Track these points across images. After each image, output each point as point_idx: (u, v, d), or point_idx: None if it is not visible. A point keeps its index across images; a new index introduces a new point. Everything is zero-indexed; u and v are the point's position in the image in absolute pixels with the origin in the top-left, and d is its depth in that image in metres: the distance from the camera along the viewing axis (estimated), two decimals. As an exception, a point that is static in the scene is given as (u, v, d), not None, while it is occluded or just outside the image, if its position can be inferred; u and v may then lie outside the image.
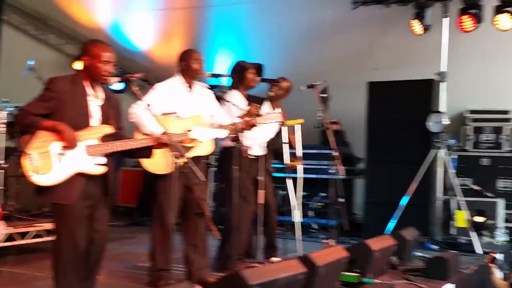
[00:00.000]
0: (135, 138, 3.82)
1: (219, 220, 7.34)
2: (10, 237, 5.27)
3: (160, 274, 4.13)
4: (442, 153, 6.77)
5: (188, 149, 4.09)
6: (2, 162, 5.94)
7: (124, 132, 3.63)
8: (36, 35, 10.30)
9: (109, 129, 3.45)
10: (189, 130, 3.82)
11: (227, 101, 4.57)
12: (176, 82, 4.31)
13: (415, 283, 4.40)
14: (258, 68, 5.05)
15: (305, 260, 3.55)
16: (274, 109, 5.27)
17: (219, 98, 4.75)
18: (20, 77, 6.36)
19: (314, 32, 8.24)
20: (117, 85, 8.17)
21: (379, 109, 7.37)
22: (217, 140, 4.83)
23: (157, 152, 3.84)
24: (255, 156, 4.96)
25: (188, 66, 4.26)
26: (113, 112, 3.53)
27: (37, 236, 5.59)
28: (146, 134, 3.84)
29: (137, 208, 8.75)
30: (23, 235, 5.49)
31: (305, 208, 7.66)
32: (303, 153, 6.30)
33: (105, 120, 3.46)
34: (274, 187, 5.30)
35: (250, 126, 4.41)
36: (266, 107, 5.22)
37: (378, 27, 8.07)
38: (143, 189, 8.12)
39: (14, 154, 5.35)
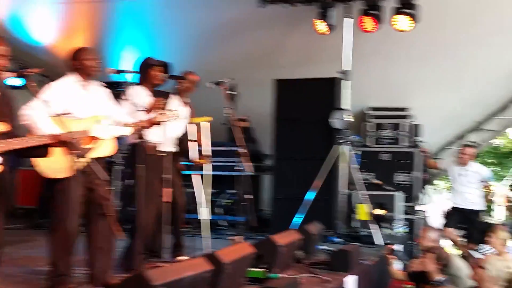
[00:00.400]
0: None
1: (125, 219, 7.21)
2: None
3: (60, 279, 3.97)
4: (345, 149, 6.99)
5: (88, 150, 3.95)
6: None
7: (19, 130, 3.46)
8: None
9: (2, 127, 3.27)
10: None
11: (128, 99, 4.46)
12: (71, 80, 4.12)
13: (319, 276, 4.54)
14: (165, 66, 4.98)
15: (211, 258, 3.56)
16: (183, 104, 5.22)
17: (123, 95, 4.63)
18: None
19: (222, 30, 8.25)
20: (16, 81, 7.77)
21: (286, 106, 7.51)
22: (122, 139, 4.72)
23: (53, 156, 3.67)
24: (164, 153, 4.89)
25: (82, 64, 4.09)
26: (6, 109, 3.36)
27: None
28: None
29: (37, 209, 8.39)
30: None
31: (213, 205, 7.65)
32: (211, 150, 6.30)
33: None
34: (183, 186, 5.25)
35: (153, 124, 4.35)
36: (174, 103, 5.14)
37: (284, 25, 8.20)
38: (42, 190, 7.78)
39: None
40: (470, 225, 7.77)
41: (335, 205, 7.00)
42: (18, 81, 7.85)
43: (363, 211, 6.85)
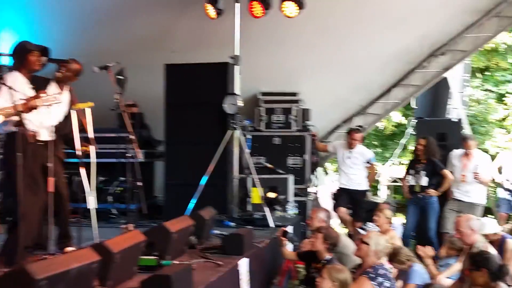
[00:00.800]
0: None
1: (6, 211, 6.81)
2: None
3: None
4: (237, 133, 7.03)
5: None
6: None
7: None
8: None
9: None
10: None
11: (5, 84, 4.18)
12: None
13: (212, 261, 4.55)
14: (43, 51, 4.70)
15: (99, 247, 3.46)
16: (61, 91, 4.96)
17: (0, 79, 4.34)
18: None
19: (109, 12, 7.95)
20: None
21: (177, 91, 7.39)
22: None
23: None
24: (43, 141, 4.64)
25: None
26: None
27: None
28: None
29: None
30: None
31: (104, 193, 7.43)
32: (100, 137, 6.09)
33: None
34: (66, 174, 5.02)
35: (30, 108, 4.11)
36: (52, 89, 4.87)
37: (175, 9, 8.05)
38: None
39: None
40: (357, 204, 8.16)
41: (229, 189, 7.04)
42: None
43: (256, 194, 6.95)
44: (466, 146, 8.21)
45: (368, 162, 8.32)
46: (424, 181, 7.95)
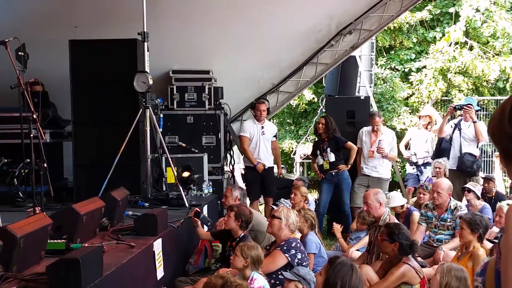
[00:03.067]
0: None
1: None
2: None
3: None
4: (149, 112, 6.86)
5: None
6: None
7: None
8: None
9: None
10: None
11: None
12: None
13: (124, 242, 4.44)
14: None
15: (2, 232, 3.28)
16: None
17: None
18: None
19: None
20: None
21: (85, 69, 7.08)
22: None
23: None
24: None
25: None
26: None
27: None
28: None
29: None
30: None
31: (8, 176, 7.04)
32: (2, 117, 5.76)
33: None
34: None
35: None
36: None
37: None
38: None
39: None
40: (267, 181, 8.30)
41: (142, 169, 6.88)
42: None
43: (171, 174, 6.84)
44: (372, 123, 8.52)
45: (274, 137, 8.50)
46: (332, 157, 8.22)
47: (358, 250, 6.44)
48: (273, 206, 7.07)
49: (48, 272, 3.20)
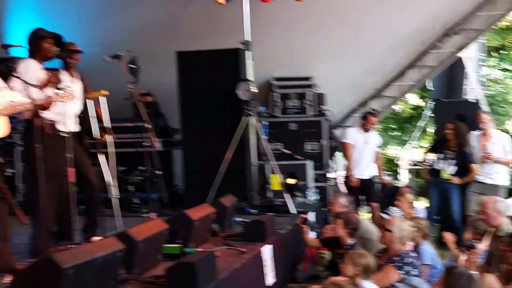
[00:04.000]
0: None
1: (30, 202, 6.81)
2: None
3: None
4: (253, 120, 6.95)
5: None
6: None
7: None
8: None
9: None
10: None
11: (19, 75, 4.11)
12: None
13: (234, 248, 4.50)
14: (56, 38, 4.64)
15: (123, 236, 3.42)
16: (72, 77, 4.90)
17: (13, 71, 4.28)
18: None
19: (118, 1, 7.89)
20: None
21: (190, 79, 7.32)
22: (15, 119, 4.39)
23: None
24: (65, 132, 4.59)
25: None
26: None
27: None
28: None
29: None
30: None
31: (124, 183, 7.40)
32: (117, 127, 6.05)
33: None
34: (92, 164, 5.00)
35: (48, 105, 4.07)
36: (65, 79, 4.81)
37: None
38: None
39: None
40: (369, 189, 8.09)
41: (248, 176, 6.97)
42: None
43: (276, 181, 6.88)
44: (479, 121, 8.04)
45: (378, 147, 8.28)
46: (452, 170, 7.77)
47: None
48: (383, 215, 6.87)
49: (167, 275, 3.30)
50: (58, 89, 4.22)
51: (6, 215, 3.77)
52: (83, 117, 4.95)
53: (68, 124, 4.64)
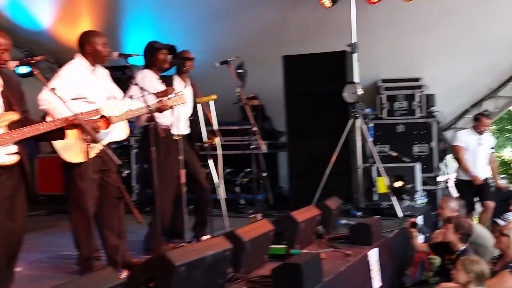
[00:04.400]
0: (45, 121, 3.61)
1: (144, 202, 7.24)
2: None
3: (86, 263, 3.98)
4: (359, 122, 6.90)
5: (101, 134, 3.95)
6: None
7: (30, 115, 3.43)
8: None
9: (14, 116, 3.24)
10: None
11: (137, 83, 4.38)
12: (80, 65, 4.08)
13: (340, 250, 4.49)
14: (171, 49, 4.91)
15: (231, 236, 3.53)
16: (185, 83, 5.16)
17: (130, 79, 4.58)
18: None
19: (227, 8, 8.11)
20: (23, 69, 7.78)
21: (296, 82, 7.40)
22: (132, 123, 4.68)
23: (71, 140, 3.69)
24: (177, 135, 4.84)
25: (93, 49, 4.05)
26: (15, 97, 3.33)
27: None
28: None
29: (58, 195, 8.55)
30: None
31: (231, 184, 7.63)
32: (225, 130, 6.27)
33: (8, 107, 3.25)
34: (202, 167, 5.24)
35: (163, 110, 4.30)
36: (176, 85, 5.07)
37: (289, 0, 8.06)
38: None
39: None
40: (484, 191, 7.71)
41: (354, 179, 6.92)
42: (25, 69, 7.87)
43: (382, 184, 6.76)
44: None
45: (492, 148, 7.89)
46: None
47: None
48: (498, 221, 6.53)
49: (274, 275, 3.37)
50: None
51: (122, 213, 4.04)
52: (194, 120, 5.19)
53: (180, 128, 4.87)
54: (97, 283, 2.41)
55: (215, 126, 5.26)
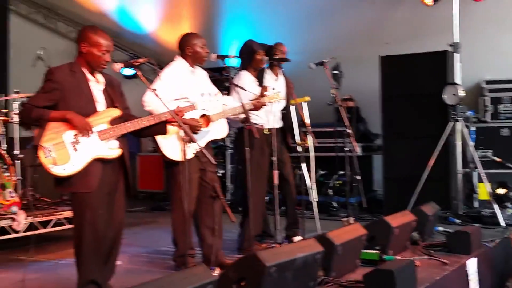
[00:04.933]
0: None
1: (238, 202, 7.38)
2: (30, 226, 5.29)
3: (182, 259, 4.12)
4: (460, 125, 6.64)
5: (202, 133, 4.08)
6: (18, 152, 5.99)
7: (130, 111, 3.60)
8: (45, 23, 10.26)
9: (116, 112, 3.42)
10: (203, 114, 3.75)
11: (236, 84, 4.48)
12: (181, 66, 4.25)
13: (436, 258, 4.34)
14: (267, 49, 4.97)
15: (323, 239, 3.51)
16: (276, 76, 5.17)
17: (228, 80, 4.69)
18: (30, 67, 6.35)
19: (323, 8, 8.10)
20: (127, 71, 8.17)
21: (394, 83, 7.24)
22: (229, 123, 4.79)
23: (173, 137, 3.84)
24: (269, 129, 4.89)
25: (193, 51, 4.20)
26: (116, 94, 3.51)
27: (58, 224, 5.61)
28: None
29: (158, 193, 8.94)
30: (44, 223, 5.52)
31: (324, 186, 7.61)
32: (318, 132, 6.26)
33: (110, 103, 3.43)
34: (292, 164, 5.26)
35: (260, 107, 4.37)
36: (267, 78, 5.12)
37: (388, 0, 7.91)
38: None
39: (30, 144, 5.36)
40: None
41: (452, 184, 6.67)
42: (129, 71, 8.27)
43: (483, 190, 6.46)
44: None
45: None
46: None
47: None
48: None
49: (365, 281, 3.32)
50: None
51: (220, 213, 4.13)
52: (285, 115, 5.20)
53: (271, 121, 4.91)
54: (190, 280, 2.48)
55: (309, 127, 5.26)
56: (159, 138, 4.01)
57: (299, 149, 5.11)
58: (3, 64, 9.07)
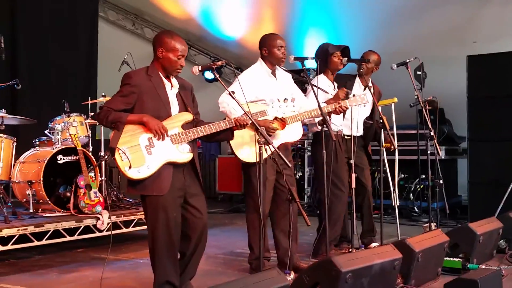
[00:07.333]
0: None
1: (315, 205, 7.31)
2: (113, 226, 5.48)
3: (261, 262, 4.13)
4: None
5: (277, 135, 4.08)
6: (103, 153, 6.24)
7: (200, 117, 3.65)
8: (132, 29, 10.68)
9: (189, 116, 3.48)
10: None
11: (314, 86, 4.44)
12: (260, 68, 4.28)
13: (525, 269, 4.11)
14: (344, 50, 4.89)
15: (402, 245, 3.43)
16: (364, 86, 5.11)
17: (306, 82, 4.66)
18: (117, 72, 6.61)
19: (409, 7, 7.86)
20: (209, 74, 8.33)
21: (481, 84, 6.91)
22: (306, 126, 4.76)
23: (247, 140, 3.86)
24: (349, 135, 4.82)
25: (270, 52, 4.22)
26: (188, 98, 3.57)
27: (139, 224, 5.79)
28: None
29: (236, 195, 9.07)
30: (126, 223, 5.71)
31: (405, 190, 7.42)
32: (401, 134, 6.11)
33: (183, 107, 3.49)
34: (371, 170, 5.16)
35: (340, 111, 4.31)
36: (356, 86, 5.07)
37: (476, -2, 7.59)
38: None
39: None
40: None
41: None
42: (210, 74, 8.44)
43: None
44: None
45: None
46: None
47: None
48: None
49: (445, 290, 3.20)
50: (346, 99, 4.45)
51: (296, 217, 4.10)
52: (371, 124, 5.11)
53: (353, 128, 4.83)
54: (264, 283, 2.48)
55: (392, 130, 5.14)
56: (233, 141, 4.03)
57: (383, 152, 5.00)
58: (92, 69, 9.53)
